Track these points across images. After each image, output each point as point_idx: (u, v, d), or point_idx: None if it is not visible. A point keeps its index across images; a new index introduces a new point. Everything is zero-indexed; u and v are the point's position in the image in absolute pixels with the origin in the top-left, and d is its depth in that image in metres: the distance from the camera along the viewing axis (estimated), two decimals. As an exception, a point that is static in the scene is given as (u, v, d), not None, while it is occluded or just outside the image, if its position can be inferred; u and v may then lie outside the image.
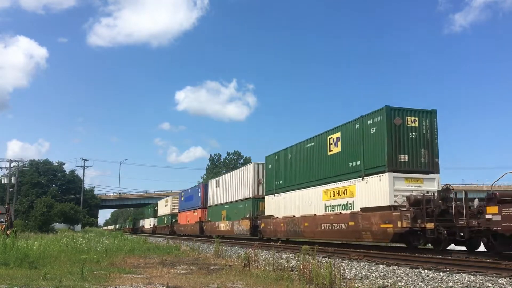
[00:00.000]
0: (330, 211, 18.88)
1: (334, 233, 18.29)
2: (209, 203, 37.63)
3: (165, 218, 56.07)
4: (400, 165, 15.88)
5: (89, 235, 32.71)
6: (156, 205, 66.52)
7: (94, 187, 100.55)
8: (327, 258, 13.17)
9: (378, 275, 10.46)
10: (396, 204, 15.20)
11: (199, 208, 40.02)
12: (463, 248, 14.92)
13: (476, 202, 13.13)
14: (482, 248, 14.02)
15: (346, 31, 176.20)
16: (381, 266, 11.85)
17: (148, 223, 72.17)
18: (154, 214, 65.92)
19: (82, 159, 75.39)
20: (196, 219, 40.28)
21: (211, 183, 38.22)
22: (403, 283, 9.27)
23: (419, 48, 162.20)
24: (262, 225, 25.58)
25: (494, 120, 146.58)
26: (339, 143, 18.83)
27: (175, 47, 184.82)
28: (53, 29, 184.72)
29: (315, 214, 19.91)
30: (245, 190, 29.31)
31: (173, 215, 51.66)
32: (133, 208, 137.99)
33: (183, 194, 48.86)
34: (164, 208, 58.21)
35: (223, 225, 32.89)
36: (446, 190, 14.38)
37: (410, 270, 10.82)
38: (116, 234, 37.97)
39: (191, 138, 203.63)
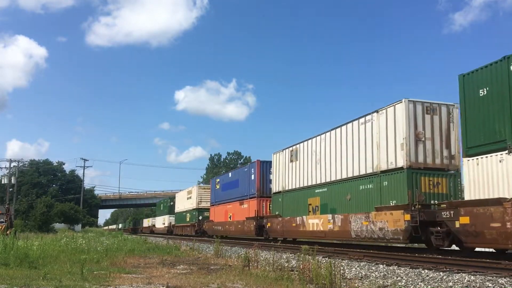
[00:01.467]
0: None
1: None
2: (276, 188, 24.98)
3: (188, 214, 44.98)
4: None
5: (89, 235, 32.72)
6: (172, 199, 55.98)
7: (94, 187, 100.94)
8: (327, 258, 13.17)
9: (378, 275, 10.46)
10: None
11: (253, 198, 27.70)
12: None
13: None
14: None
15: (345, 31, 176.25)
16: (381, 266, 11.85)
17: (160, 221, 61.60)
18: (170, 210, 55.33)
19: (82, 159, 75.48)
20: (248, 214, 28.19)
21: (279, 156, 24.91)
22: (403, 283, 9.27)
23: (419, 47, 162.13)
24: (464, 219, 12.06)
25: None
26: None
27: (174, 47, 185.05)
28: (52, 29, 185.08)
29: None
30: (378, 156, 16.36)
31: (201, 210, 41.41)
32: (133, 208, 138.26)
33: (218, 180, 36.95)
34: (185, 201, 46.80)
35: (317, 222, 19.94)
36: None
37: (410, 270, 10.82)
38: (116, 234, 37.95)
39: (191, 138, 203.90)
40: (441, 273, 10.02)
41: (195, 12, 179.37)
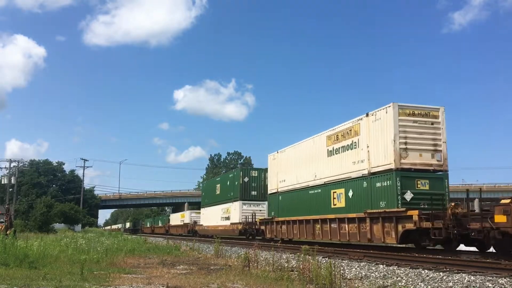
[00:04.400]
0: None
1: None
2: None
3: (350, 190, 16.99)
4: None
5: (89, 235, 32.70)
6: (246, 171, 30.99)
7: (94, 187, 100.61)
8: (327, 258, 13.17)
9: (378, 275, 10.46)
10: None
11: None
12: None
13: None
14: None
15: (344, 31, 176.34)
16: (381, 266, 11.84)
17: (218, 215, 33.88)
18: (243, 192, 29.67)
19: (82, 159, 75.37)
20: None
21: None
22: (403, 283, 9.27)
23: (418, 47, 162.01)
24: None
25: (493, 119, 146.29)
26: None
27: (173, 46, 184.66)
28: (50, 28, 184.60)
29: None
30: None
31: (407, 175, 14.57)
32: (133, 208, 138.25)
33: None
34: (319, 161, 19.47)
35: None
36: None
37: (410, 270, 10.82)
38: (116, 234, 37.92)
39: (190, 138, 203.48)
40: (441, 273, 10.01)
41: (194, 12, 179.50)
